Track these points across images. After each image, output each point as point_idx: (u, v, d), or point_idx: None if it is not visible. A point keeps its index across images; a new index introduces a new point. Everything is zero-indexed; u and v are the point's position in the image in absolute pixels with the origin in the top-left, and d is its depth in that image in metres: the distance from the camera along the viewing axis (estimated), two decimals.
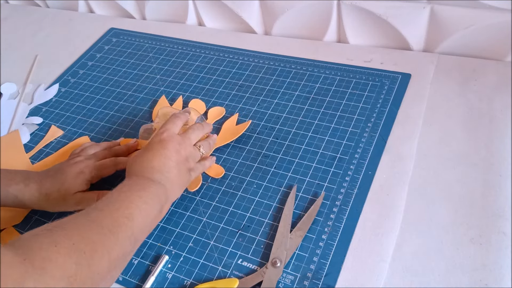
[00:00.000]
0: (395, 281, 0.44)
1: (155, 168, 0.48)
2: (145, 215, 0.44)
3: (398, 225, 0.48)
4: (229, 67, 0.73)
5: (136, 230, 0.42)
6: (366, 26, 0.69)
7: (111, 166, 0.57)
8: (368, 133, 0.58)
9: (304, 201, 0.52)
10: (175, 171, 0.49)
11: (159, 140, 0.51)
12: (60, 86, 0.78)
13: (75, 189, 0.53)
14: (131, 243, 0.42)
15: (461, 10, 0.60)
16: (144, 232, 0.45)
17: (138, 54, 0.80)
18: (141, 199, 0.44)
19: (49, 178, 0.54)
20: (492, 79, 0.61)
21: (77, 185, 0.54)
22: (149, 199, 0.45)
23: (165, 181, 0.48)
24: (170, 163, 0.49)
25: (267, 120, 0.63)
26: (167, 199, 0.48)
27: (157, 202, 0.46)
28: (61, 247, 0.35)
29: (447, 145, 0.55)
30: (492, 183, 0.50)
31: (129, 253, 0.42)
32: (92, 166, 0.55)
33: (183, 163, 0.51)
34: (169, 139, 0.51)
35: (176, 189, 0.50)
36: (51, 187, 0.53)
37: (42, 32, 0.93)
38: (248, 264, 0.48)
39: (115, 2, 0.90)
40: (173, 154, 0.50)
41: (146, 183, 0.46)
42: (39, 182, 0.53)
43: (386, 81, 0.64)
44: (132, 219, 0.42)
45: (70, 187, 0.53)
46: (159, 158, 0.49)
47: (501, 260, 0.44)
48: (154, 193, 0.46)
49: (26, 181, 0.53)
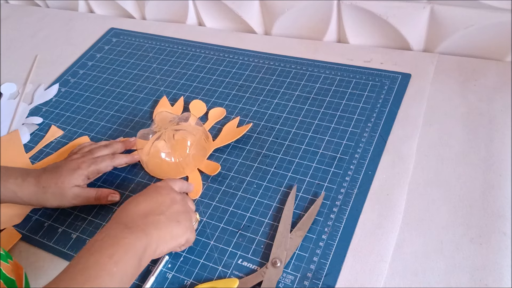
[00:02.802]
0: (395, 281, 0.44)
1: (140, 211, 0.44)
2: (118, 278, 0.39)
3: (398, 225, 0.48)
4: (229, 67, 0.73)
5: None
6: (366, 26, 0.69)
7: (108, 161, 0.57)
8: (368, 133, 0.58)
9: (304, 201, 0.52)
10: (163, 218, 0.45)
11: (155, 186, 0.48)
12: (60, 86, 0.78)
13: (73, 183, 0.54)
14: None
15: (461, 10, 0.60)
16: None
17: (138, 54, 0.80)
18: (111, 260, 0.39)
19: (46, 172, 0.54)
20: (492, 79, 0.61)
21: (74, 179, 0.54)
22: (122, 257, 0.40)
23: (146, 225, 0.43)
24: (161, 208, 0.45)
25: (267, 120, 0.63)
26: (147, 247, 0.42)
27: (132, 257, 0.40)
28: None
29: (447, 145, 0.55)
30: (492, 183, 0.50)
31: None
32: (89, 161, 0.56)
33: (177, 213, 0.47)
34: (165, 185, 0.49)
35: (163, 236, 0.44)
36: (48, 180, 0.53)
37: (42, 32, 0.93)
38: (248, 264, 0.48)
39: (115, 2, 0.90)
40: (166, 200, 0.47)
41: (119, 234, 0.41)
42: (36, 177, 0.54)
43: (386, 81, 0.64)
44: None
45: (67, 180, 0.53)
46: (151, 199, 0.46)
47: (501, 260, 0.44)
48: (127, 245, 0.41)
49: (24, 176, 0.53)
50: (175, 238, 0.45)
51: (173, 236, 0.45)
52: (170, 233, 0.45)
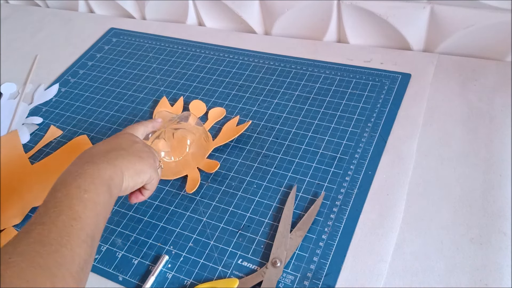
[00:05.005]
0: (395, 281, 0.44)
1: (100, 150, 0.42)
2: (92, 205, 0.37)
3: (398, 225, 0.48)
4: (229, 67, 0.73)
5: (88, 227, 0.37)
6: (366, 26, 0.69)
7: None
8: (368, 133, 0.58)
9: (304, 201, 0.52)
10: (124, 152, 0.43)
11: (115, 135, 0.47)
12: (60, 86, 0.78)
13: None
14: (89, 245, 0.36)
15: (461, 10, 0.60)
16: (100, 224, 0.39)
17: (138, 54, 0.80)
18: (80, 189, 0.38)
19: None
20: (492, 79, 0.61)
21: None
22: (89, 185, 0.38)
23: (108, 158, 0.42)
24: (122, 146, 0.44)
25: (267, 120, 0.63)
26: (113, 176, 0.41)
27: (100, 185, 0.39)
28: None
29: (447, 145, 0.55)
30: (492, 183, 0.50)
31: (90, 255, 0.36)
32: None
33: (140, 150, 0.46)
34: (124, 132, 0.48)
35: (126, 168, 0.43)
36: None
37: (42, 32, 0.93)
38: (248, 264, 0.48)
39: (115, 2, 0.90)
40: (126, 141, 0.45)
41: (80, 168, 0.40)
42: None
43: (386, 81, 0.64)
44: (79, 218, 0.36)
45: None
46: (111, 141, 0.45)
47: (501, 260, 0.44)
48: (92, 175, 0.39)
49: None
50: (139, 173, 0.44)
51: (136, 170, 0.44)
52: (134, 166, 0.43)
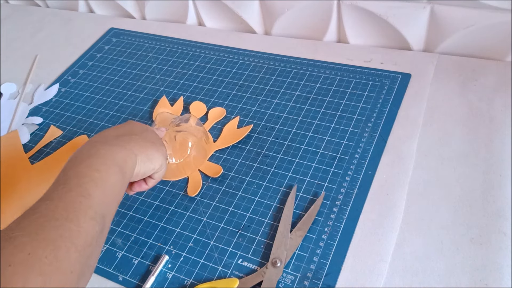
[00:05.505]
0: (395, 281, 0.44)
1: (113, 133, 0.42)
2: (102, 184, 0.37)
3: (398, 225, 0.48)
4: (229, 67, 0.73)
5: (98, 206, 0.36)
6: (366, 26, 0.69)
7: None
8: (368, 133, 0.58)
9: (304, 201, 0.52)
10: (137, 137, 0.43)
11: (126, 122, 0.47)
12: (60, 86, 0.78)
13: None
14: (98, 223, 0.35)
15: (461, 10, 0.60)
16: (110, 204, 0.38)
17: (138, 54, 0.80)
18: (91, 168, 0.37)
19: None
20: (492, 79, 0.61)
21: None
22: (101, 165, 0.38)
23: (121, 141, 0.41)
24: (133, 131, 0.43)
25: (267, 120, 0.63)
26: (127, 159, 0.40)
27: (111, 166, 0.38)
28: (16, 264, 0.30)
29: (447, 145, 0.55)
30: (492, 183, 0.50)
31: (99, 234, 0.36)
32: None
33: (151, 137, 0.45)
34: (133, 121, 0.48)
35: (139, 152, 0.42)
36: None
37: (42, 32, 0.93)
38: (248, 264, 0.48)
39: (115, 2, 0.90)
40: (138, 127, 0.45)
41: (93, 149, 0.39)
42: None
43: (386, 81, 0.64)
44: (88, 196, 0.35)
45: None
46: (122, 127, 0.44)
47: (501, 260, 0.44)
48: (105, 155, 0.39)
49: None
50: (151, 159, 0.44)
51: (148, 156, 0.43)
52: (146, 152, 0.43)
